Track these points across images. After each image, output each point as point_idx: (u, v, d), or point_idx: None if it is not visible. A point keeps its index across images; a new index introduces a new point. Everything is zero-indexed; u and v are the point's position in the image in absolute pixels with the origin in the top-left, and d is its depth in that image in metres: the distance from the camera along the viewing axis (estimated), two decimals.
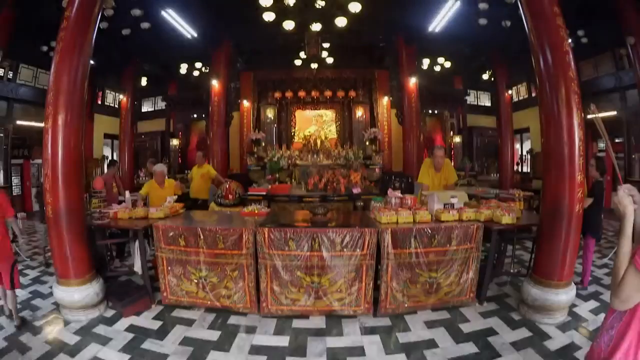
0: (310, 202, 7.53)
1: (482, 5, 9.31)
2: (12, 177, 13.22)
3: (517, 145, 17.62)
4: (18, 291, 4.79)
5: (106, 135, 17.13)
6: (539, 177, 7.08)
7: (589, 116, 2.25)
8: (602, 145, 13.28)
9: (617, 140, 12.74)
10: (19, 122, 13.05)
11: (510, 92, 15.04)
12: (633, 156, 12.00)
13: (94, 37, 4.87)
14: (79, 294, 4.53)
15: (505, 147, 14.43)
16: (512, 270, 6.10)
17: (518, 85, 17.31)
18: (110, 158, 16.44)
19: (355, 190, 7.94)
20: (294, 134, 16.33)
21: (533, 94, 16.05)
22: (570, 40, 4.48)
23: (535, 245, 4.87)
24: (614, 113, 12.51)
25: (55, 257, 4.63)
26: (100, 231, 5.45)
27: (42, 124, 4.54)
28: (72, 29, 4.63)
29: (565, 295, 4.39)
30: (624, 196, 1.72)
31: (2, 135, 12.61)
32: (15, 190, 13.36)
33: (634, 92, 10.78)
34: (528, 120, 15.73)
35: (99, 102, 16.87)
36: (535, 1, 4.52)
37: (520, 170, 17.47)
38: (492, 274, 5.14)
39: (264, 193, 7.91)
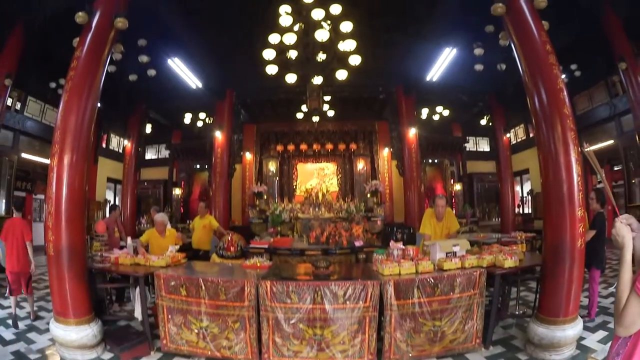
0: (312, 256, 7.47)
1: (478, 51, 9.57)
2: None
3: (518, 188, 17.65)
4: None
5: (109, 179, 17.20)
6: (541, 217, 7.08)
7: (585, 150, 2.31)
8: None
9: (615, 168, 12.78)
10: (24, 155, 13.06)
11: (508, 135, 15.20)
12: (633, 181, 11.95)
13: (103, 80, 5.02)
14: (76, 334, 4.49)
15: (506, 190, 14.48)
16: (517, 312, 5.99)
17: (516, 128, 17.51)
18: (112, 202, 16.50)
19: (357, 243, 7.90)
20: (296, 187, 16.47)
21: (531, 135, 16.22)
22: (564, 76, 4.62)
23: (540, 285, 4.86)
24: (611, 142, 12.59)
25: (54, 294, 4.62)
26: (101, 274, 5.45)
27: (46, 160, 4.67)
28: (82, 69, 4.79)
29: (572, 330, 4.34)
30: (621, 227, 1.76)
31: (6, 165, 12.54)
32: None
33: (628, 118, 10.84)
34: (527, 161, 15.83)
35: (104, 146, 17.01)
36: (528, 41, 4.70)
37: (521, 212, 17.39)
38: (497, 318, 5.06)
39: (266, 246, 7.87)
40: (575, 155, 4.34)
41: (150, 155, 18.76)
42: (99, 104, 5.10)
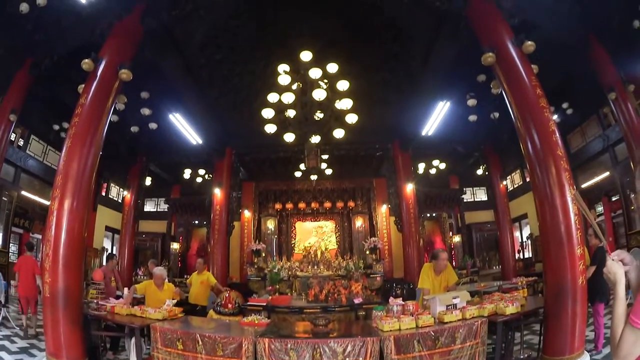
0: (311, 313, 7.37)
1: (471, 102, 9.79)
2: (10, 244, 12.92)
3: (517, 233, 17.47)
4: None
5: (107, 228, 17.01)
6: (541, 260, 7.05)
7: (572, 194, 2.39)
8: (600, 209, 13.23)
9: (613, 199, 12.71)
10: (23, 192, 12.94)
11: (505, 182, 15.23)
12: (632, 207, 11.86)
13: (106, 128, 5.16)
14: None
15: (505, 238, 14.34)
16: (522, 356, 5.85)
17: (512, 174, 17.50)
18: (110, 251, 16.31)
19: (357, 300, 7.83)
20: (294, 245, 16.39)
21: (527, 179, 16.19)
22: (556, 116, 4.76)
23: (543, 326, 4.83)
24: (606, 174, 12.55)
25: (48, 334, 4.60)
26: (96, 321, 5.41)
27: (45, 201, 4.74)
28: (86, 117, 4.97)
29: None
30: (613, 264, 1.81)
31: (6, 199, 12.42)
32: (12, 258, 13.04)
33: (622, 147, 10.83)
34: (525, 206, 15.73)
35: (104, 194, 16.93)
36: (518, 87, 4.90)
37: (522, 256, 17.16)
38: None
39: (264, 304, 7.79)
40: (570, 195, 4.41)
41: (149, 207, 18.72)
42: (100, 152, 5.22)
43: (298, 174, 12.71)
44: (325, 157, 11.68)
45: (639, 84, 8.15)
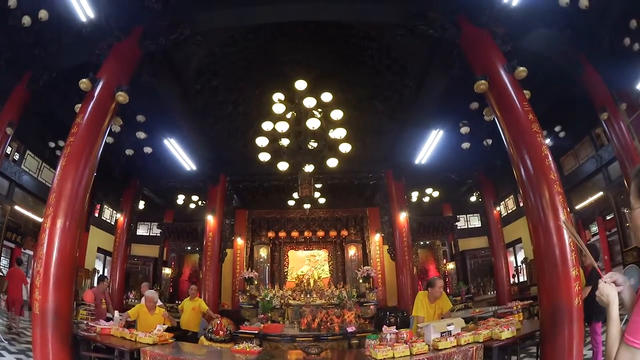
0: (303, 342, 7.30)
1: (464, 130, 9.86)
2: (2, 258, 12.74)
3: (512, 258, 17.41)
4: None
5: (99, 249, 16.78)
6: (536, 283, 7.04)
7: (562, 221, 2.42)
8: (594, 229, 13.26)
9: (608, 218, 12.73)
10: (17, 207, 12.73)
11: (498, 208, 15.23)
12: (627, 224, 11.81)
13: (101, 149, 5.18)
14: None
15: (499, 263, 14.28)
16: None
17: (506, 200, 17.55)
18: (101, 273, 16.08)
19: (350, 329, 7.77)
20: (287, 274, 16.28)
21: (520, 204, 16.23)
22: (548, 140, 4.81)
23: (540, 349, 4.80)
24: (600, 194, 12.60)
25: (36, 352, 4.53)
26: (86, 342, 5.34)
27: (38, 217, 4.73)
28: (81, 137, 4.98)
29: None
30: (605, 287, 1.84)
31: None
32: (3, 272, 12.80)
33: (615, 166, 10.91)
34: (519, 230, 15.73)
35: (96, 215, 16.74)
36: (511, 113, 4.97)
37: (517, 281, 17.08)
38: None
39: (256, 332, 7.71)
40: (564, 218, 4.45)
41: (141, 231, 18.54)
42: (95, 173, 5.23)
43: (291, 202, 12.75)
44: (318, 186, 11.73)
45: (631, 101, 8.25)
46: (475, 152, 10.85)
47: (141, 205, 15.08)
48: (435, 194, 15.66)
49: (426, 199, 15.70)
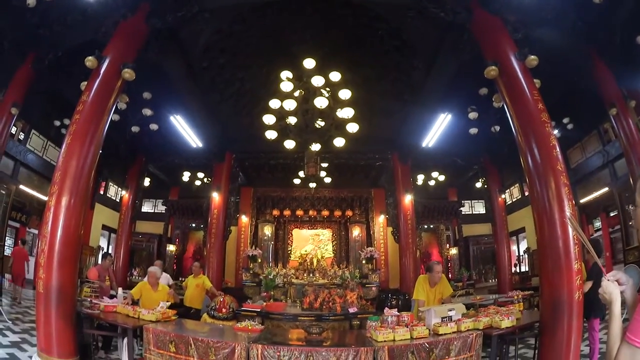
0: (305, 321, 7.35)
1: (472, 115, 9.76)
2: (6, 238, 12.97)
3: (514, 247, 17.46)
4: None
5: (104, 227, 17.01)
6: (538, 274, 7.03)
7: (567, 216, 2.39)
8: (598, 224, 13.29)
9: (612, 214, 12.73)
10: (22, 187, 12.96)
11: (503, 196, 15.18)
12: (630, 223, 11.86)
13: (106, 127, 5.16)
14: None
15: (502, 251, 14.28)
16: None
17: (511, 188, 17.53)
18: (105, 250, 16.29)
19: (352, 310, 7.80)
20: (291, 252, 16.37)
21: (526, 193, 16.22)
22: (556, 131, 4.75)
23: (539, 340, 4.82)
24: (605, 189, 12.62)
25: (39, 330, 4.58)
26: (89, 319, 5.39)
27: (43, 196, 4.74)
28: (87, 115, 4.96)
29: None
30: (608, 285, 1.82)
31: (4, 192, 12.42)
32: (7, 251, 13.03)
33: (621, 162, 10.81)
34: (523, 220, 15.79)
35: (101, 193, 16.94)
36: (520, 101, 4.89)
37: (518, 270, 17.16)
38: None
39: (259, 310, 7.76)
40: (569, 210, 4.41)
41: (146, 208, 18.68)
42: (100, 151, 5.22)
43: (297, 181, 12.71)
44: (324, 165, 11.68)
45: None
46: (482, 138, 10.74)
47: (146, 182, 15.12)
48: (441, 178, 15.56)
49: (432, 183, 15.62)
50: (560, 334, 4.29)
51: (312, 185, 12.52)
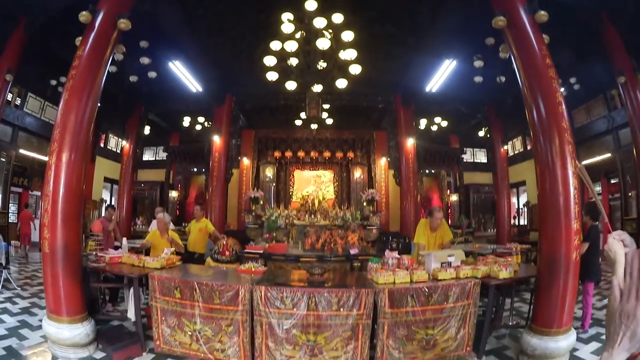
0: (307, 262, 7.49)
1: (478, 63, 9.60)
2: (10, 204, 13.32)
3: (514, 199, 17.68)
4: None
5: (106, 179, 17.25)
6: (536, 229, 7.12)
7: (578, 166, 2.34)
8: (597, 189, 13.37)
9: (612, 181, 12.86)
10: (21, 151, 13.13)
11: (505, 147, 15.21)
12: (629, 194, 12.04)
13: (104, 79, 5.05)
14: (69, 332, 4.50)
15: (502, 202, 14.43)
16: (510, 323, 5.99)
17: (513, 140, 17.57)
18: (108, 202, 16.52)
19: (353, 251, 7.92)
20: (292, 194, 16.48)
21: (528, 147, 16.33)
22: (562, 90, 4.66)
23: (534, 296, 4.89)
24: (608, 155, 12.70)
25: (48, 292, 4.62)
26: (95, 273, 5.46)
27: (44, 157, 4.71)
28: (83, 69, 4.82)
29: (565, 341, 4.38)
30: (614, 243, 1.79)
31: (4, 160, 12.66)
32: (11, 218, 13.43)
33: (626, 131, 10.85)
34: (524, 173, 15.93)
35: (102, 145, 17.05)
36: (528, 54, 4.74)
37: (517, 223, 17.43)
38: (490, 328, 5.10)
39: (261, 251, 7.88)
40: (572, 169, 4.38)
41: (147, 156, 18.73)
42: (99, 104, 5.11)
43: (298, 122, 12.60)
44: (326, 106, 11.55)
45: None
46: (487, 87, 10.66)
47: (146, 130, 15.08)
48: (444, 124, 15.49)
49: (434, 128, 15.56)
50: (556, 292, 4.35)
51: (314, 126, 12.41)
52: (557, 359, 4.39)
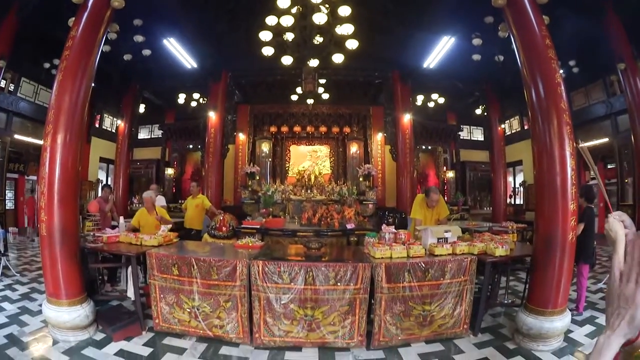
0: (304, 237, 7.51)
1: (476, 41, 9.57)
2: (6, 191, 13.29)
3: (510, 178, 17.75)
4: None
5: (102, 159, 17.15)
6: (532, 209, 7.17)
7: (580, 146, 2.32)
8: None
9: (609, 167, 12.91)
10: (16, 136, 13.03)
11: (503, 126, 15.24)
12: (626, 180, 12.11)
13: (98, 59, 4.97)
14: (68, 315, 4.50)
15: (498, 180, 14.53)
16: (506, 301, 6.05)
17: (511, 119, 17.53)
18: (105, 182, 16.50)
19: (349, 226, 7.94)
20: (289, 169, 16.46)
21: (525, 127, 16.33)
22: (561, 71, 4.61)
23: (529, 275, 4.92)
24: (606, 140, 12.72)
25: (46, 275, 4.61)
26: (93, 254, 5.45)
27: (39, 141, 4.67)
28: (77, 49, 4.74)
29: (560, 322, 4.41)
30: (614, 222, 1.78)
31: None
32: (8, 205, 13.45)
33: (625, 118, 10.86)
34: (521, 153, 15.94)
35: (97, 126, 16.94)
36: (528, 34, 4.68)
37: (513, 202, 17.55)
38: (486, 306, 5.14)
39: (258, 226, 7.90)
40: (570, 150, 4.37)
41: (143, 135, 18.57)
42: (93, 84, 5.04)
43: (294, 97, 12.47)
44: (322, 81, 11.44)
45: None
46: (485, 66, 10.62)
47: (141, 108, 15.03)
48: (441, 100, 15.48)
49: (431, 104, 15.56)
50: (552, 272, 4.37)
51: (310, 101, 12.31)
52: (551, 339, 4.44)
